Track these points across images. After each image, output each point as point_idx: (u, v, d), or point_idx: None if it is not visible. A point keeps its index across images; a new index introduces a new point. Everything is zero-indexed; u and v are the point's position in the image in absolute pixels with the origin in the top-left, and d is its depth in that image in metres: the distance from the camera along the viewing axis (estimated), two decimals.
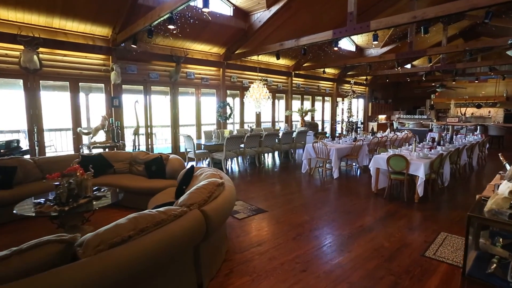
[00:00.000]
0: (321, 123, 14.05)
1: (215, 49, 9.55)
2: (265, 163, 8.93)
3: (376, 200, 5.42)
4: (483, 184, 6.63)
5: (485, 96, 15.07)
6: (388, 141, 8.79)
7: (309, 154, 7.39)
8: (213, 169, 4.04)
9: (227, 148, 7.45)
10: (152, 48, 8.39)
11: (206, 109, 10.39)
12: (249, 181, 6.79)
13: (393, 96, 18.75)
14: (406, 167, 5.21)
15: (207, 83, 9.77)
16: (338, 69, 13.82)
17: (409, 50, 8.74)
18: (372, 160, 5.69)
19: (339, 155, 7.08)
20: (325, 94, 14.03)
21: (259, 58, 10.83)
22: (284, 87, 12.15)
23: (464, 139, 8.17)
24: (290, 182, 6.69)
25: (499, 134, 12.09)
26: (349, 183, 6.65)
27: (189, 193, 2.77)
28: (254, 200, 5.36)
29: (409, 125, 14.01)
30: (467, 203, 5.28)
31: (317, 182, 6.74)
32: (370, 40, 12.17)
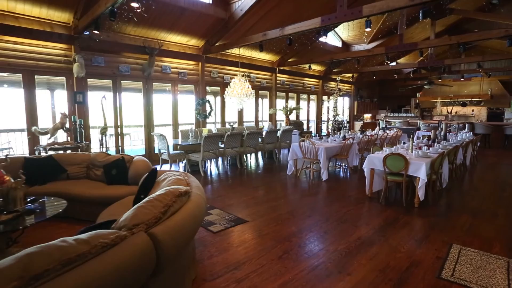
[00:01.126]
0: (306, 122, 13.43)
1: (193, 41, 8.73)
2: (248, 164, 8.17)
3: (371, 205, 4.76)
4: (482, 184, 6.11)
5: (470, 94, 14.86)
6: (378, 139, 8.21)
7: (295, 155, 6.69)
8: (181, 173, 3.26)
9: (205, 148, 6.66)
10: (122, 38, 7.49)
11: (184, 107, 9.55)
12: (229, 185, 6.01)
13: (378, 95, 18.40)
14: (405, 167, 4.57)
15: (184, 78, 8.93)
16: (324, 66, 13.25)
17: (400, 44, 8.20)
18: (366, 160, 5.04)
19: (328, 155, 6.42)
20: (311, 92, 13.42)
21: (242, 52, 10.08)
22: (268, 83, 11.44)
23: (456, 137, 7.68)
24: (275, 186, 5.96)
25: (486, 132, 11.79)
26: (340, 185, 5.99)
27: (136, 208, 1.98)
28: (234, 207, 4.59)
29: (395, 124, 13.60)
30: (472, 206, 4.69)
31: (305, 185, 6.05)
32: (357, 35, 11.66)
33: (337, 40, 12.19)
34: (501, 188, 5.85)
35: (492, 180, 6.55)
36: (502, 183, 6.29)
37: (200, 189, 2.86)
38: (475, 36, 7.39)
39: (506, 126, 11.80)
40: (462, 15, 10.47)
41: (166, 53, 8.36)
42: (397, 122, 13.74)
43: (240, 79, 8.05)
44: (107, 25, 6.82)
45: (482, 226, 3.94)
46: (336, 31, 11.87)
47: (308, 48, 10.90)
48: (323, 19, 6.04)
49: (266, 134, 8.13)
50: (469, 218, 4.19)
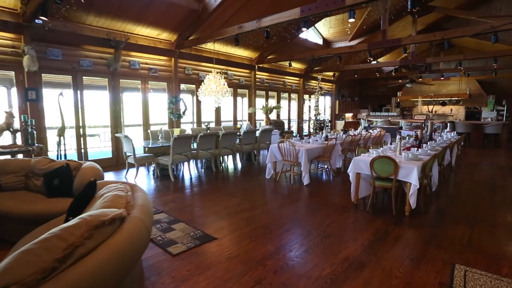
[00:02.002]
0: (287, 121, 12.87)
1: (165, 34, 7.95)
2: (224, 167, 7.50)
3: (358, 214, 4.20)
4: (471, 187, 5.70)
5: (449, 94, 14.76)
6: (362, 139, 7.73)
7: (274, 157, 6.07)
8: (125, 186, 2.55)
9: (175, 150, 5.93)
10: (82, 29, 6.63)
11: (157, 106, 8.77)
12: (201, 192, 5.32)
13: (359, 94, 18.12)
14: (394, 172, 4.04)
15: (156, 74, 8.14)
16: (305, 64, 12.73)
17: (383, 39, 7.74)
18: (351, 164, 4.47)
19: (309, 157, 5.84)
20: (291, 90, 12.87)
21: (218, 48, 9.38)
22: (247, 81, 10.79)
23: (442, 137, 7.30)
24: (251, 192, 5.32)
25: (466, 131, 11.62)
26: (323, 190, 5.42)
27: (16, 255, 1.28)
28: (202, 220, 3.92)
29: (377, 123, 13.27)
30: (466, 214, 4.22)
31: (284, 190, 5.44)
32: (339, 32, 11.20)
33: (318, 38, 11.69)
34: (491, 190, 5.45)
35: (480, 181, 6.17)
36: (491, 184, 5.90)
37: (145, 210, 2.17)
38: (459, 32, 7.02)
39: (486, 125, 11.67)
40: (443, 12, 10.20)
41: (134, 47, 7.55)
42: (378, 122, 13.42)
43: (215, 76, 7.35)
44: (64, 14, 5.99)
45: (482, 238, 3.45)
46: (317, 28, 11.37)
47: (288, 45, 10.33)
48: (302, 10, 5.45)
49: (244, 135, 7.48)
50: (466, 229, 3.70)
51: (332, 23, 10.76)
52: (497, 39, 6.71)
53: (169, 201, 4.73)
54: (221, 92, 7.27)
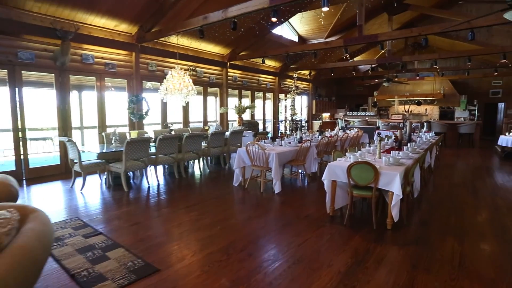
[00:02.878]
0: (262, 122, 12.28)
1: (124, 26, 7.11)
2: (189, 173, 6.77)
3: (334, 229, 3.62)
4: (453, 191, 5.30)
5: (424, 93, 14.72)
6: (339, 140, 7.23)
7: (242, 161, 5.43)
8: (12, 215, 1.81)
9: (129, 156, 5.15)
10: (21, 15, 5.70)
11: (116, 106, 7.91)
12: (155, 205, 4.58)
13: (336, 93, 17.85)
14: (374, 179, 3.49)
15: (113, 70, 7.28)
16: (280, 62, 12.19)
17: (359, 35, 7.28)
18: (326, 170, 3.90)
19: (281, 162, 5.23)
20: (266, 89, 12.29)
21: (186, 43, 8.63)
22: (218, 79, 10.09)
23: (422, 138, 6.94)
24: (214, 204, 4.64)
25: (442, 131, 11.49)
26: (295, 199, 4.82)
27: None
28: (148, 243, 3.20)
29: (354, 123, 12.94)
30: (452, 224, 3.74)
31: (252, 200, 4.80)
32: (315, 29, 10.73)
33: (293, 35, 11.17)
34: (473, 194, 5.07)
35: (460, 184, 5.80)
36: (471, 188, 5.54)
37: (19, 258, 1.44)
38: (437, 28, 6.67)
39: (460, 125, 11.59)
40: (418, 11, 9.96)
41: (87, 39, 6.67)
42: (356, 121, 13.10)
43: (178, 72, 6.61)
44: None
45: (474, 257, 2.95)
46: (293, 25, 10.85)
47: (261, 41, 9.74)
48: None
49: (211, 137, 6.78)
50: (455, 245, 3.20)
51: (308, 19, 10.28)
52: (474, 35, 6.40)
53: (114, 217, 3.97)
54: (185, 90, 6.54)
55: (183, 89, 6.52)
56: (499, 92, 15.03)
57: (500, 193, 5.22)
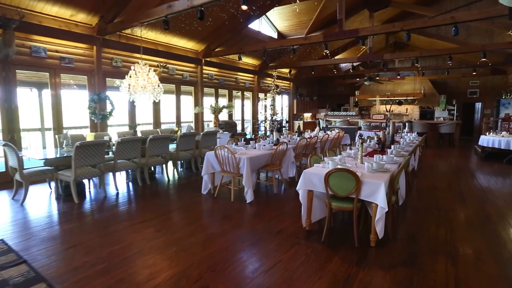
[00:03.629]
0: (241, 122, 11.70)
1: (82, 16, 6.36)
2: (156, 180, 6.11)
3: (310, 248, 3.09)
4: (439, 196, 4.90)
5: (405, 93, 14.58)
6: (319, 142, 6.76)
7: (211, 167, 4.84)
8: None
9: (80, 162, 4.46)
10: None
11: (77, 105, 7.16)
12: (105, 220, 3.92)
13: (317, 93, 17.51)
14: (356, 189, 2.99)
15: (71, 66, 6.51)
16: (259, 60, 11.65)
17: (339, 30, 6.84)
18: (301, 179, 3.37)
19: (254, 167, 4.68)
20: (245, 88, 11.72)
21: (157, 37, 7.93)
22: (193, 77, 9.43)
23: (405, 139, 6.57)
24: (176, 217, 4.03)
25: (423, 131, 11.27)
26: (269, 210, 4.28)
27: None
28: (79, 274, 2.56)
29: (335, 123, 12.58)
30: (442, 237, 3.30)
31: (220, 212, 4.22)
32: (294, 25, 10.26)
33: (272, 31, 10.66)
34: (460, 201, 4.68)
35: (445, 188, 5.44)
36: (458, 193, 5.17)
37: None
38: (420, 23, 6.31)
39: (441, 125, 11.43)
40: (400, 7, 9.66)
41: (37, 29, 5.88)
42: (337, 122, 12.74)
43: (142, 68, 5.94)
44: None
45: (472, 282, 2.49)
46: (272, 22, 10.33)
47: (238, 36, 9.16)
48: None
49: (180, 139, 6.15)
50: (448, 266, 2.74)
51: (287, 15, 9.79)
52: (457, 31, 6.08)
53: (49, 238, 3.29)
54: (150, 88, 5.88)
55: (148, 86, 5.86)
56: (476, 92, 15.10)
57: (488, 198, 4.87)
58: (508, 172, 6.99)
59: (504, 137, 8.09)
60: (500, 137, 8.15)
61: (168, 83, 8.76)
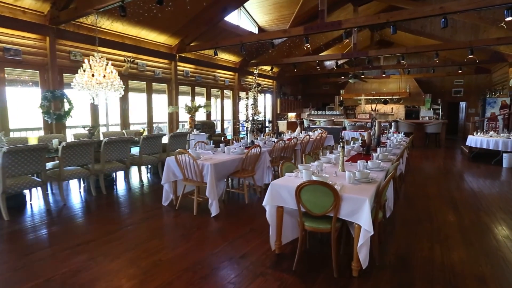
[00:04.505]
0: (220, 122, 11.01)
1: (29, 1, 5.55)
2: (114, 189, 5.37)
3: (277, 280, 2.45)
4: (430, 205, 4.35)
5: (390, 92, 14.19)
6: (299, 144, 6.15)
7: (173, 174, 4.14)
8: None
9: (10, 171, 3.69)
10: None
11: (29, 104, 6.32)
12: (32, 242, 3.17)
13: (302, 92, 16.97)
14: (334, 206, 2.37)
15: (18, 58, 5.68)
16: (240, 56, 10.97)
17: (321, 22, 6.24)
18: (268, 192, 2.72)
19: (220, 174, 4.01)
20: (225, 86, 11.02)
21: (124, 29, 7.15)
22: (166, 74, 8.68)
23: (389, 140, 6.03)
24: (122, 237, 3.32)
25: (409, 131, 10.85)
26: (236, 226, 3.62)
27: None
28: None
29: (320, 123, 12.03)
30: (438, 262, 2.71)
31: (178, 228, 3.53)
32: (276, 19, 9.63)
33: (252, 26, 10.00)
34: (454, 211, 4.14)
35: (436, 195, 4.91)
36: (450, 200, 4.65)
37: None
38: (406, 14, 5.77)
39: (427, 124, 11.03)
40: (385, 2, 9.17)
41: None
42: (322, 121, 12.20)
43: (98, 60, 5.18)
44: None
45: None
46: (251, 15, 9.68)
47: (215, 30, 8.47)
48: None
49: (144, 142, 5.42)
50: None
51: (268, 8, 9.16)
52: (446, 23, 5.57)
53: None
54: (107, 84, 5.13)
55: (106, 82, 5.11)
56: (461, 91, 14.87)
57: (482, 205, 4.35)
58: (497, 174, 6.56)
59: (492, 137, 7.68)
60: (489, 137, 7.74)
61: (138, 80, 8.00)
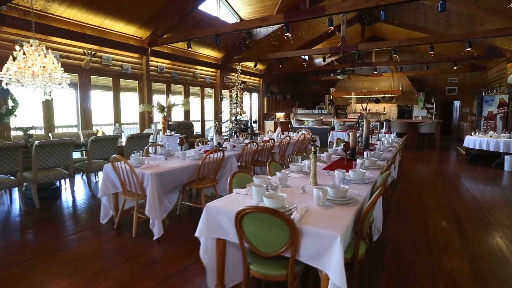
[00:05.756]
0: (200, 123, 10.15)
1: None
2: (52, 201, 4.49)
3: None
4: (428, 219, 3.56)
5: (382, 90, 13.46)
6: (277, 147, 5.32)
7: (112, 185, 3.29)
8: None
9: None
10: None
11: None
12: None
13: (291, 91, 16.18)
14: (289, 244, 1.54)
15: None
16: (222, 52, 10.14)
17: (303, 8, 5.45)
18: (202, 219, 1.88)
19: (167, 186, 3.17)
20: (206, 84, 10.18)
21: (82, 17, 6.27)
22: (136, 69, 7.81)
23: (383, 142, 5.24)
24: (31, 270, 2.46)
25: (402, 131, 10.10)
26: (176, 257, 2.75)
27: None
28: None
29: (308, 123, 11.24)
30: None
31: (108, 256, 2.68)
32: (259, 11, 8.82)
33: (234, 18, 9.18)
34: (459, 230, 3.35)
35: (435, 207, 4.12)
36: (452, 214, 3.86)
37: None
38: None
39: (421, 124, 10.29)
40: None
41: None
42: (310, 121, 11.40)
43: (37, 49, 4.31)
44: None
45: None
46: (232, 6, 8.85)
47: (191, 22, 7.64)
48: None
49: (93, 145, 4.55)
50: None
51: None
52: (445, 5, 4.80)
53: None
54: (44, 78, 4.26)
55: (42, 74, 4.24)
56: (455, 89, 14.21)
57: (490, 221, 3.57)
58: (499, 178, 5.81)
59: (492, 138, 6.93)
60: (488, 138, 6.99)
61: (104, 76, 7.12)
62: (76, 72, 6.46)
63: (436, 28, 9.72)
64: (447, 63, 11.82)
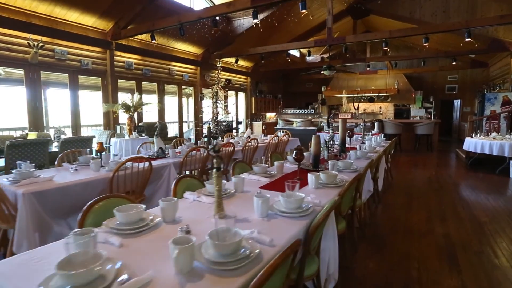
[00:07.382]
0: (178, 124, 9.34)
1: None
2: None
3: None
4: (424, 255, 2.71)
5: (377, 89, 12.58)
6: (243, 152, 4.48)
7: None
8: None
9: None
10: None
11: None
12: None
13: (283, 90, 15.34)
14: None
15: None
16: (202, 47, 9.33)
17: None
18: None
19: (59, 209, 2.35)
20: (184, 82, 9.36)
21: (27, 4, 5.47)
22: (99, 65, 7.00)
23: (362, 144, 4.39)
24: None
25: (396, 132, 9.24)
26: None
27: None
28: None
29: (297, 124, 10.38)
30: None
31: None
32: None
33: None
34: (451, 264, 2.51)
35: (425, 231, 3.27)
36: (448, 251, 3.01)
37: None
38: None
39: (417, 125, 9.41)
40: None
41: None
42: (298, 122, 10.55)
43: None
44: None
45: None
46: None
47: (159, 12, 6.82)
48: None
49: (10, 151, 3.74)
50: None
51: None
52: None
53: None
54: None
55: None
56: (455, 88, 13.31)
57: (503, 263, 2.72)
58: (504, 188, 4.94)
59: (496, 140, 6.05)
60: (491, 140, 6.11)
61: (58, 72, 6.33)
62: (21, 67, 5.67)
63: (433, 20, 8.87)
64: (446, 58, 10.94)
